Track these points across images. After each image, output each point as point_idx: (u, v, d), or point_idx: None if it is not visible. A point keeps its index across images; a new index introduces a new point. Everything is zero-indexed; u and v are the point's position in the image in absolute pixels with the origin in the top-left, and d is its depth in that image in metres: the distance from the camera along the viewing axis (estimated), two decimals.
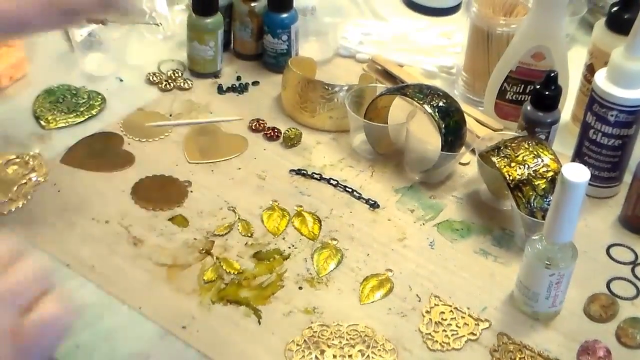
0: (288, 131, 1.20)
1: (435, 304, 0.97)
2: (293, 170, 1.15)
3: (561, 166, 0.96)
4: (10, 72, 1.26)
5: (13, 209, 1.05)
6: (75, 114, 1.22)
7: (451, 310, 0.96)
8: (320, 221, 1.07)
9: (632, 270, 1.04)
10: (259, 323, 0.93)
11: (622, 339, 0.94)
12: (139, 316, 0.93)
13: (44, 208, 1.06)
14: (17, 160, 1.12)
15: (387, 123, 1.20)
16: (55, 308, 0.69)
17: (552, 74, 1.09)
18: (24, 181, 1.09)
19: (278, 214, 1.07)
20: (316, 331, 0.92)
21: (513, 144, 1.06)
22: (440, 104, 1.11)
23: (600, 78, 1.08)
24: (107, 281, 0.97)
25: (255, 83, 1.32)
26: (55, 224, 1.04)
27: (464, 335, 0.93)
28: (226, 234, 1.04)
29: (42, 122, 1.20)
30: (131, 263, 0.99)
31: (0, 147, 1.15)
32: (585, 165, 0.88)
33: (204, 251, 1.01)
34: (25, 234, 1.02)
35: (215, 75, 1.33)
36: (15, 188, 1.08)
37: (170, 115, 1.24)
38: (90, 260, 0.99)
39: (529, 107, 1.11)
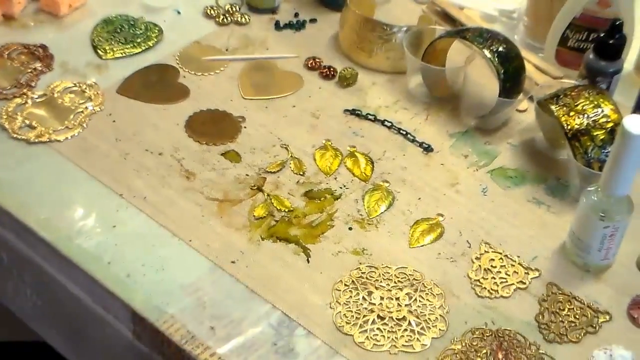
0: (344, 71, 1.19)
1: (485, 251, 0.96)
2: (347, 110, 1.14)
3: (622, 117, 0.94)
4: (69, 0, 1.26)
5: (69, 137, 1.06)
6: (132, 45, 1.22)
7: (501, 258, 0.95)
8: (372, 162, 1.06)
9: None
10: (308, 261, 0.94)
11: None
12: (189, 249, 0.94)
13: (99, 137, 1.07)
14: (75, 88, 1.13)
15: (444, 66, 1.19)
16: None
17: (617, 22, 1.06)
18: (80, 110, 1.10)
19: (331, 153, 1.07)
20: (364, 272, 0.92)
21: (573, 93, 1.04)
22: (500, 49, 1.09)
23: None
24: (159, 213, 0.97)
25: (312, 21, 1.31)
26: (109, 154, 1.04)
27: (513, 284, 0.93)
28: (278, 171, 1.04)
29: (100, 52, 1.20)
30: (183, 196, 1.00)
31: (59, 75, 1.16)
32: None
33: (255, 187, 1.02)
34: (79, 162, 1.03)
35: (273, 11, 1.32)
36: (71, 116, 1.09)
37: (227, 50, 1.23)
38: (143, 191, 1.00)
39: (591, 56, 1.09)
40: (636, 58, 1.22)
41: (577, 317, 0.89)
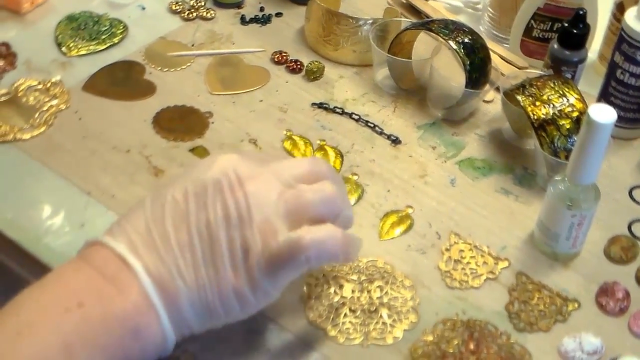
0: (311, 64, 1.19)
1: (454, 242, 0.96)
2: (315, 104, 1.14)
3: (587, 106, 0.95)
4: None
5: (35, 135, 1.05)
6: (97, 42, 1.21)
7: (471, 249, 0.96)
8: (341, 156, 1.06)
9: None
10: None
11: None
12: None
13: (65, 135, 1.06)
14: (39, 86, 1.12)
15: (411, 58, 1.19)
16: (330, 232, 0.74)
17: (581, 12, 1.07)
18: (46, 108, 1.09)
19: (301, 143, 1.07)
20: (335, 266, 0.92)
21: (538, 83, 1.05)
22: (466, 40, 1.10)
23: (630, 17, 1.06)
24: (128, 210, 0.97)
25: (278, 14, 1.30)
26: (76, 152, 1.04)
27: (482, 274, 0.93)
28: None
29: (64, 49, 1.19)
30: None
31: (22, 74, 1.15)
32: (611, 106, 0.86)
33: None
34: (46, 161, 1.02)
35: (238, 5, 1.31)
36: (36, 115, 1.08)
37: (192, 45, 1.23)
38: (111, 189, 0.99)
39: (555, 45, 1.10)
40: (600, 47, 1.23)
41: (547, 305, 0.90)
